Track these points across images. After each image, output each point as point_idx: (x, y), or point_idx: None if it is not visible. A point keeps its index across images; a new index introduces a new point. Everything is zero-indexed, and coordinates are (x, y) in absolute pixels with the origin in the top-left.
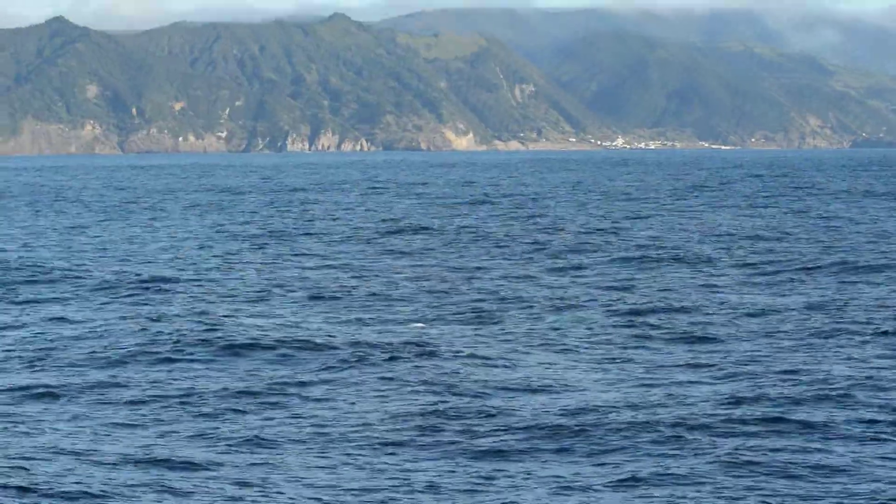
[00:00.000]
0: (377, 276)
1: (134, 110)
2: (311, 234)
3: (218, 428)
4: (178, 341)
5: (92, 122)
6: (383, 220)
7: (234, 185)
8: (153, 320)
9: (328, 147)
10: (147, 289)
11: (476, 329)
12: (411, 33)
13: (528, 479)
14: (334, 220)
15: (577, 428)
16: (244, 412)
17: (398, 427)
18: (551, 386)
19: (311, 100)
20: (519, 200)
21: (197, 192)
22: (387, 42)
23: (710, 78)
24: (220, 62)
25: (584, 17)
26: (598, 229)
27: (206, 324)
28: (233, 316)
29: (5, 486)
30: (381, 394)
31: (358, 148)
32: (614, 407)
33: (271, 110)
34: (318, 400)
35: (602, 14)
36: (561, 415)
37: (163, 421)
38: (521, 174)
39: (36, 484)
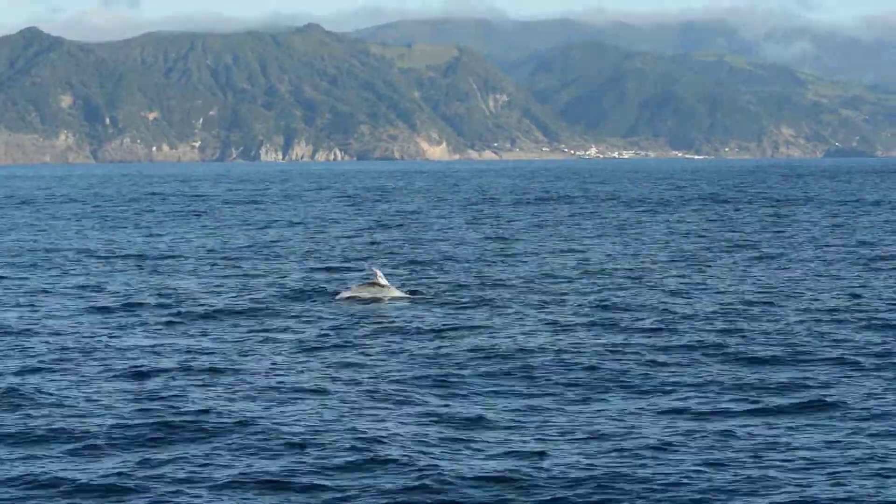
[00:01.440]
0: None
1: (107, 120)
2: None
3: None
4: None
5: (66, 132)
6: None
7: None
8: None
9: (302, 157)
10: None
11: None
12: (385, 43)
13: None
14: None
15: None
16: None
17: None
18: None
19: (284, 109)
20: None
21: None
22: (360, 52)
23: (684, 88)
24: (194, 72)
25: (558, 27)
26: None
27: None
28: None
29: None
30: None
31: (332, 158)
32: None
33: (245, 120)
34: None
35: (576, 25)
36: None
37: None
38: None
39: None
